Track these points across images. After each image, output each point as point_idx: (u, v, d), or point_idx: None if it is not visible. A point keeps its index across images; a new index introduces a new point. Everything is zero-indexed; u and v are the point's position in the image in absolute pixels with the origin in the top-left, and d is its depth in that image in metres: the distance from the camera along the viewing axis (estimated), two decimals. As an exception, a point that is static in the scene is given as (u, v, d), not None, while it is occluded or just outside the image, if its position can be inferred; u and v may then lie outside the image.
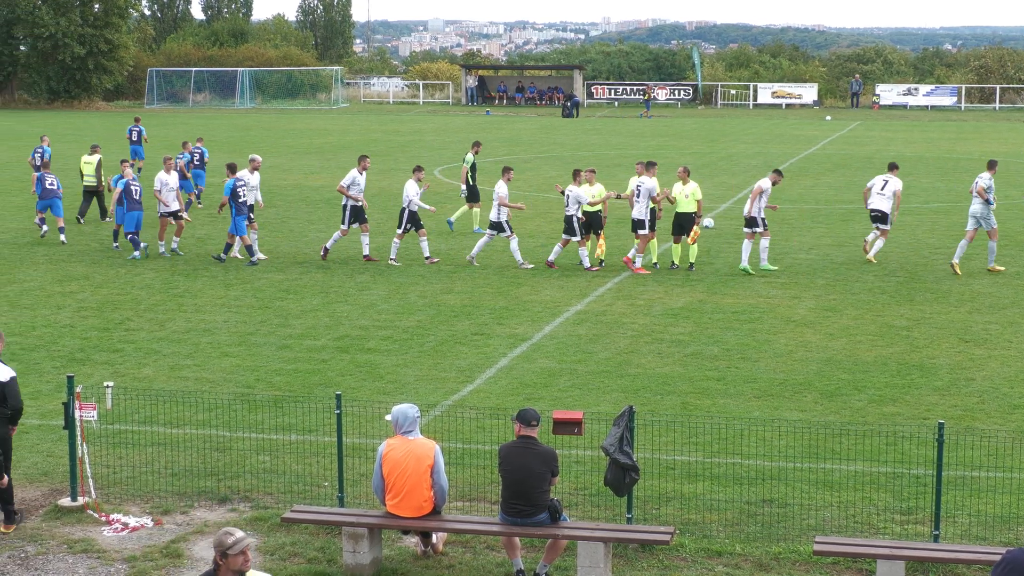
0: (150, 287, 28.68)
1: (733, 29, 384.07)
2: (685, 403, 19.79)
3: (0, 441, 14.98)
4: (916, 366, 21.97)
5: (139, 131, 48.93)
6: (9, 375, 15.08)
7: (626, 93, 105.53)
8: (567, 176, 39.35)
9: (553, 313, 26.10)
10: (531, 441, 13.55)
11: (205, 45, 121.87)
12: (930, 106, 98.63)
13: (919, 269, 30.70)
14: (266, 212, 40.06)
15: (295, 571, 13.85)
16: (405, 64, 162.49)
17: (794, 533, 14.75)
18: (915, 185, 47.75)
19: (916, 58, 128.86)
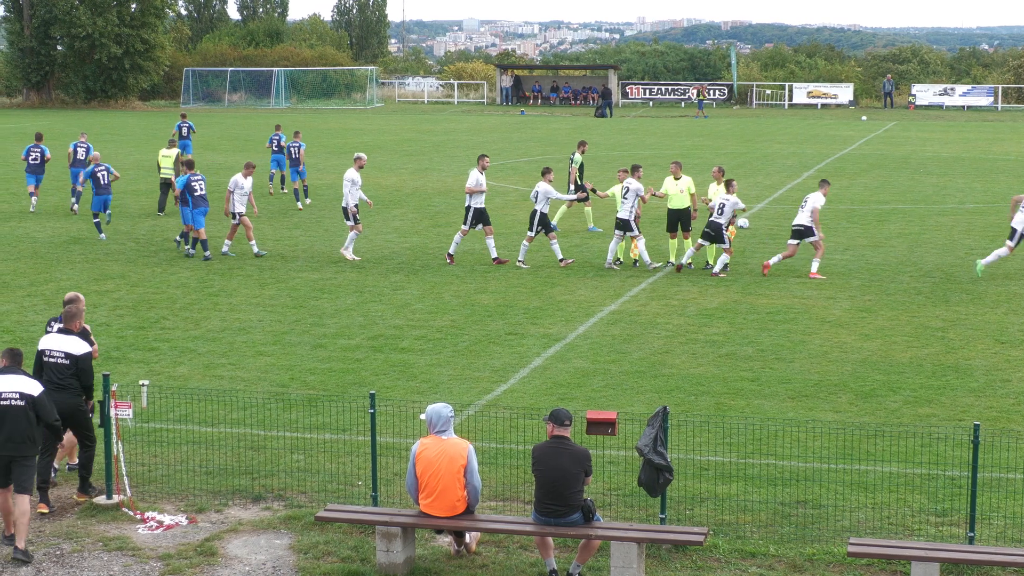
0: (186, 286, 28.79)
1: (768, 29, 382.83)
2: (719, 404, 19.75)
3: (71, 413, 15.46)
4: (952, 367, 21.87)
5: (188, 126, 49.19)
6: (83, 350, 15.60)
7: (661, 93, 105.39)
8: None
9: (587, 313, 26.08)
10: (564, 441, 13.55)
11: (241, 45, 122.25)
12: (966, 106, 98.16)
13: (955, 270, 30.56)
14: (300, 212, 40.21)
15: (328, 570, 13.89)
16: (440, 64, 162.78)
17: (828, 534, 14.71)
18: (951, 186, 47.55)
19: (952, 58, 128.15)
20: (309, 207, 41.50)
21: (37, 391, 14.56)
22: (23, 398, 14.43)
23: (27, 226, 37.50)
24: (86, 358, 15.66)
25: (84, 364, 15.64)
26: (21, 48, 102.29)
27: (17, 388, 14.47)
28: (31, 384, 14.60)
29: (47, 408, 14.62)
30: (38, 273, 30.33)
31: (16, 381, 14.55)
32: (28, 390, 14.49)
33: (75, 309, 16.17)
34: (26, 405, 14.42)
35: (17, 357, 14.84)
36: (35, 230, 36.74)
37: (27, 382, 14.60)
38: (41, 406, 14.54)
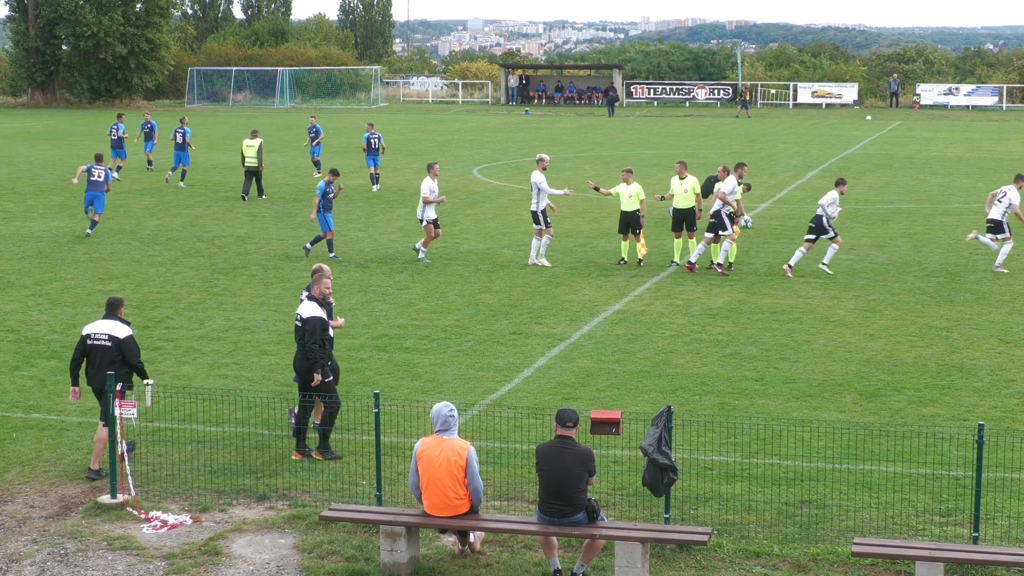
0: (190, 285, 28.80)
1: (773, 28, 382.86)
2: (723, 403, 19.75)
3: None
4: (956, 367, 21.87)
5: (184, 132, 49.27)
6: (126, 332, 16.92)
7: (665, 93, 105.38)
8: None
9: (591, 313, 26.08)
10: (568, 441, 13.55)
11: (245, 44, 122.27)
12: (971, 106, 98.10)
13: (959, 270, 30.54)
14: (305, 211, 40.22)
15: (333, 569, 13.90)
16: (444, 63, 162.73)
17: (832, 534, 14.70)
18: (955, 185, 47.53)
19: (957, 58, 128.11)
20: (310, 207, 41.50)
21: (124, 334, 16.82)
22: (111, 340, 16.72)
23: (32, 225, 37.53)
24: (128, 341, 16.84)
25: (126, 347, 16.84)
26: (26, 48, 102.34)
27: (107, 331, 16.82)
28: (120, 328, 16.88)
29: (132, 350, 16.80)
30: (43, 272, 30.35)
31: (107, 325, 16.94)
32: (116, 333, 16.80)
33: (319, 275, 17.95)
34: (112, 346, 16.69)
35: (111, 305, 17.22)
36: (40, 229, 36.77)
37: (117, 326, 16.91)
38: (126, 348, 16.76)
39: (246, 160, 43.60)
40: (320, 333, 17.33)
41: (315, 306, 17.50)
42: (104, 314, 17.24)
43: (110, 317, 17.11)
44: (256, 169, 43.48)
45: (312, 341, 17.19)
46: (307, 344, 17.21)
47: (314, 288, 17.88)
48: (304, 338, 17.25)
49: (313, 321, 17.28)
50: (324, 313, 17.58)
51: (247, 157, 43.53)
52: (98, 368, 16.74)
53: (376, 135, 47.88)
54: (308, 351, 17.22)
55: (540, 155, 32.07)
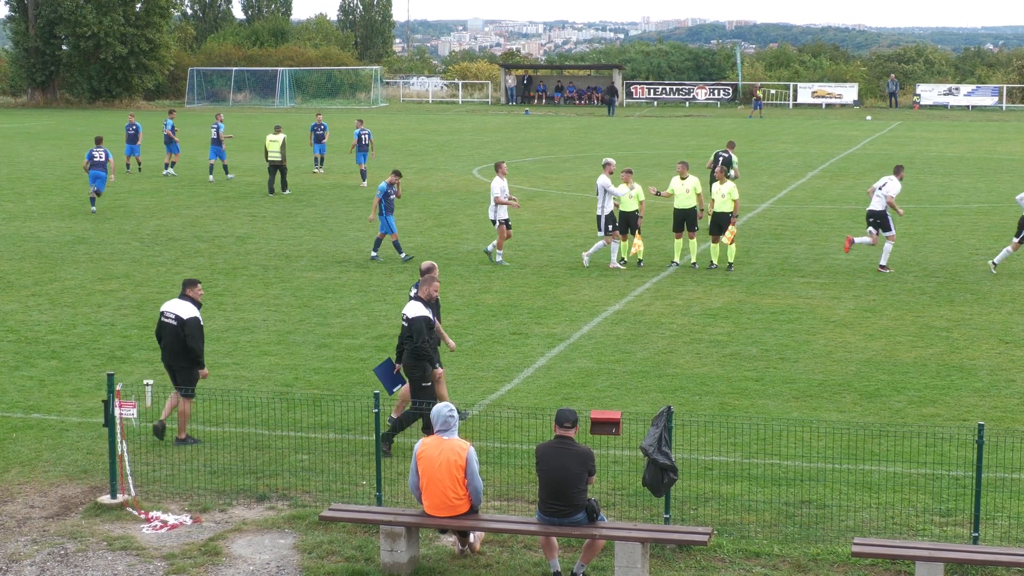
0: (190, 286, 28.78)
1: (773, 28, 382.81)
2: (723, 403, 19.75)
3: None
4: (956, 367, 21.87)
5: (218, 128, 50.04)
6: (191, 313, 17.75)
7: (665, 93, 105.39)
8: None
9: (591, 313, 26.08)
10: (568, 441, 13.55)
11: (245, 45, 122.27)
12: (971, 106, 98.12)
13: (959, 270, 30.54)
14: (305, 211, 40.26)
15: (333, 569, 13.90)
16: (444, 64, 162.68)
17: (832, 534, 14.70)
18: (955, 185, 47.53)
19: (957, 58, 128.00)
20: (309, 207, 41.50)
21: (188, 315, 17.69)
22: (176, 319, 17.67)
23: (32, 226, 37.53)
24: (192, 323, 17.69)
25: (189, 330, 17.70)
26: (26, 48, 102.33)
27: (175, 310, 17.78)
28: (187, 308, 17.76)
29: (193, 332, 17.64)
30: (43, 272, 30.35)
31: (176, 304, 17.88)
32: (182, 313, 17.72)
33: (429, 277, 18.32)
34: (178, 325, 17.63)
35: (185, 285, 18.08)
36: (40, 230, 36.77)
37: (184, 306, 17.79)
38: (188, 328, 17.62)
39: (269, 155, 44.90)
40: (427, 332, 17.59)
41: (421, 306, 17.77)
42: (179, 293, 18.16)
43: (182, 296, 18.01)
44: (280, 163, 44.75)
45: (422, 340, 17.49)
46: (417, 343, 17.48)
47: (421, 289, 18.12)
48: (412, 338, 17.51)
49: (419, 321, 17.57)
50: (430, 313, 17.81)
51: (270, 152, 44.85)
52: (167, 347, 17.91)
53: (366, 131, 48.89)
54: (419, 350, 17.49)
55: (606, 159, 32.00)
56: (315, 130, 52.28)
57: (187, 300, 17.95)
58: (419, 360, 17.57)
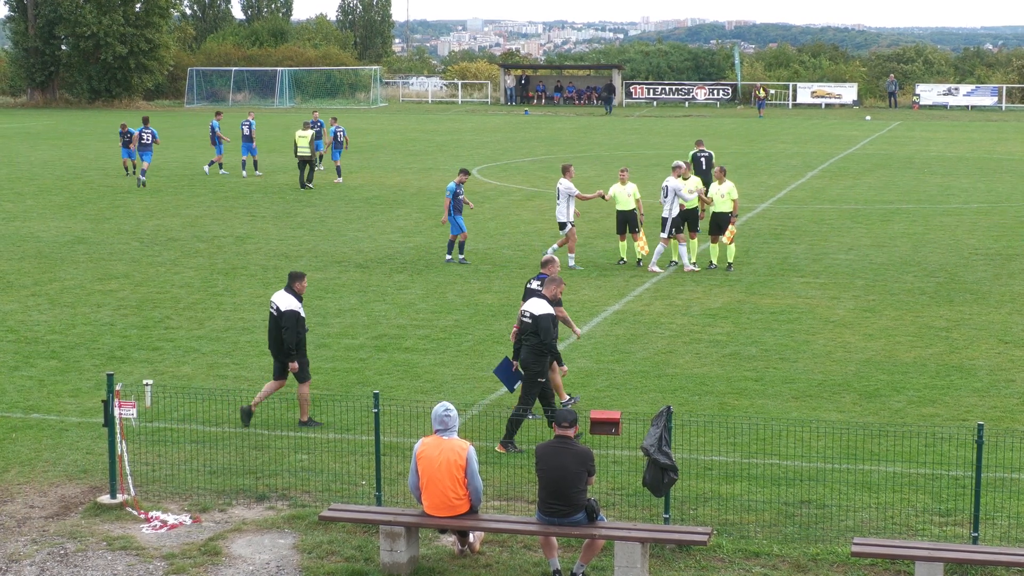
0: (189, 286, 28.81)
1: (772, 28, 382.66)
2: (723, 403, 19.75)
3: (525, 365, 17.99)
4: (955, 367, 21.87)
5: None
6: (288, 306, 18.34)
7: (665, 93, 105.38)
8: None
9: (591, 313, 26.08)
10: (567, 441, 13.56)
11: (245, 45, 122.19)
12: (970, 106, 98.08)
13: (959, 270, 30.54)
14: (304, 211, 40.26)
15: (332, 569, 13.90)
16: (444, 64, 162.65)
17: (832, 534, 14.71)
18: (955, 186, 47.52)
19: (957, 58, 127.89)
20: (308, 207, 41.51)
21: (286, 307, 18.31)
22: (277, 310, 18.39)
23: (31, 226, 37.53)
24: (289, 314, 18.26)
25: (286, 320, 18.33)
26: (26, 48, 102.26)
27: (277, 302, 18.46)
28: (287, 300, 18.37)
29: (287, 324, 18.24)
30: (42, 272, 30.35)
31: (280, 296, 18.53)
32: (282, 304, 18.38)
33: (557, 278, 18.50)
34: (277, 316, 18.34)
35: (290, 277, 18.65)
36: (39, 230, 36.77)
37: (286, 298, 18.43)
38: (285, 320, 18.27)
39: (299, 150, 46.40)
40: (554, 329, 17.79)
41: (546, 303, 17.92)
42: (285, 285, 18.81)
43: (287, 288, 18.62)
44: (309, 158, 46.45)
45: (550, 338, 17.63)
46: (546, 342, 17.62)
47: (548, 288, 18.29)
48: (538, 334, 17.62)
49: (546, 319, 17.71)
50: (553, 310, 17.96)
51: (300, 147, 46.36)
52: (272, 336, 18.71)
53: (341, 129, 49.95)
54: (548, 347, 17.66)
55: (677, 162, 31.85)
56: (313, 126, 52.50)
57: (290, 293, 18.55)
58: (541, 356, 17.72)
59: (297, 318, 18.37)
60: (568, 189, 30.56)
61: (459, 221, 31.59)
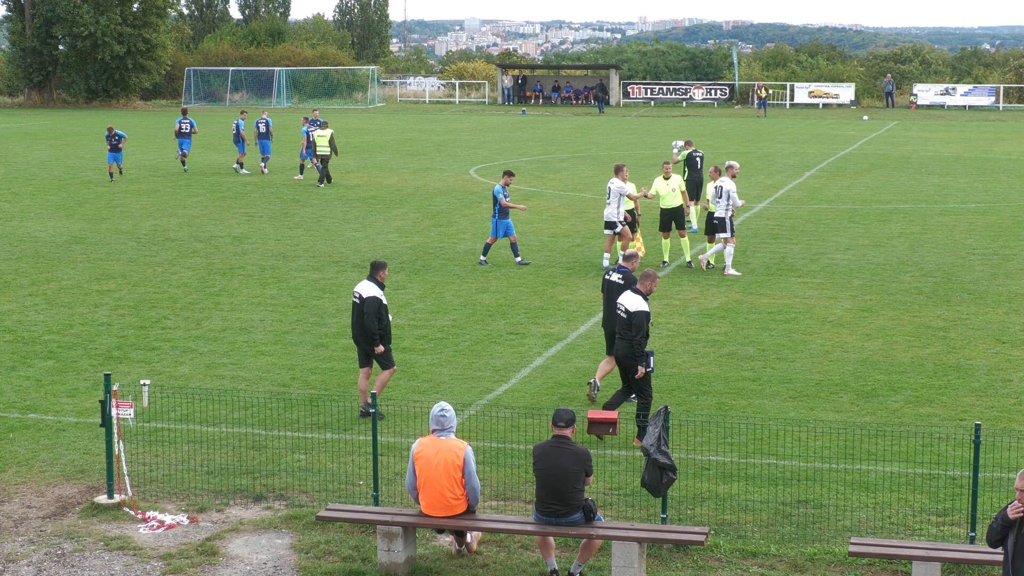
0: (187, 286, 28.80)
1: (770, 28, 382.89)
2: (720, 403, 19.75)
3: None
4: (953, 367, 21.87)
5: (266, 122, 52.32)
6: (370, 293, 18.69)
7: (662, 93, 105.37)
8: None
9: (588, 313, 26.07)
10: (565, 441, 13.56)
11: (242, 45, 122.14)
12: (968, 106, 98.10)
13: (956, 269, 30.54)
14: (302, 211, 40.25)
15: (330, 569, 13.90)
16: (441, 64, 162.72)
17: (829, 534, 14.71)
18: (952, 185, 47.53)
19: (954, 58, 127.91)
20: (306, 207, 41.50)
21: (368, 294, 18.66)
22: (360, 298, 18.73)
23: (28, 226, 37.52)
24: (370, 302, 18.60)
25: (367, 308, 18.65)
26: (23, 48, 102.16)
27: (359, 291, 18.84)
28: (370, 288, 18.74)
29: (370, 310, 18.59)
30: (39, 272, 30.33)
31: (363, 285, 18.92)
32: (364, 292, 18.74)
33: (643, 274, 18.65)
34: (360, 304, 18.68)
35: (372, 267, 19.03)
36: (36, 230, 36.75)
37: (368, 287, 18.80)
38: (367, 307, 18.61)
39: (318, 148, 47.45)
40: (647, 327, 17.96)
41: (641, 299, 18.05)
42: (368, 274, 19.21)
43: (369, 277, 19.00)
44: (327, 157, 47.36)
45: (641, 335, 17.75)
46: (635, 338, 17.76)
47: (643, 283, 18.43)
48: (631, 331, 17.79)
49: (640, 315, 17.83)
50: (647, 307, 18.08)
51: (319, 146, 47.40)
52: (354, 324, 19.02)
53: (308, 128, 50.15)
54: (636, 344, 17.78)
55: (731, 162, 31.84)
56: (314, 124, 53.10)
57: (373, 281, 18.90)
58: (634, 355, 17.86)
59: (379, 304, 18.72)
60: (620, 188, 30.32)
61: (502, 224, 31.23)
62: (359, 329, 18.91)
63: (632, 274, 19.53)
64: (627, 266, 19.82)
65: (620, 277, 19.54)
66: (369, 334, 18.74)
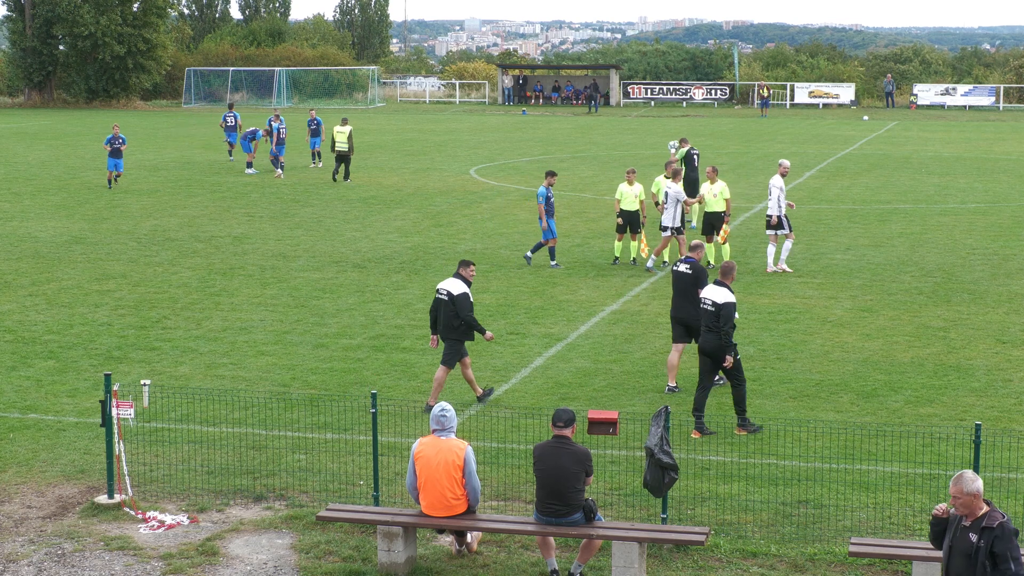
0: (187, 286, 28.80)
1: (770, 28, 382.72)
2: (720, 403, 19.74)
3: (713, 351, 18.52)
4: (953, 367, 21.87)
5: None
6: (460, 290, 19.17)
7: (663, 93, 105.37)
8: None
9: (588, 313, 26.08)
10: (565, 441, 13.56)
11: (242, 45, 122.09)
12: (968, 106, 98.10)
13: (956, 269, 30.54)
14: (302, 211, 40.26)
15: (330, 569, 13.90)
16: (441, 64, 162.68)
17: (829, 534, 14.71)
18: (952, 186, 47.53)
19: (954, 58, 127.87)
20: (306, 208, 41.51)
21: (458, 291, 19.11)
22: (448, 295, 19.11)
23: (29, 226, 37.52)
24: (461, 298, 19.10)
25: (459, 304, 19.11)
26: (23, 48, 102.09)
27: (447, 288, 19.27)
28: (457, 285, 19.20)
29: (463, 305, 19.08)
30: (40, 273, 30.33)
31: (449, 282, 19.37)
32: (453, 290, 19.15)
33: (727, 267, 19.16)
34: (448, 300, 19.09)
35: (460, 265, 19.53)
36: (37, 230, 36.75)
37: (455, 284, 19.26)
38: (458, 303, 19.08)
39: (336, 145, 48.26)
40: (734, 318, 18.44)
41: (727, 291, 18.55)
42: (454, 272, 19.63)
43: (456, 275, 19.45)
44: (346, 154, 48.11)
45: (730, 326, 18.26)
46: (724, 329, 18.24)
47: (728, 276, 18.94)
48: (720, 323, 18.24)
49: (729, 307, 18.31)
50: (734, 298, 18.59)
51: (338, 142, 48.22)
52: (441, 320, 19.33)
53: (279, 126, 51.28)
54: (725, 335, 18.25)
55: (782, 160, 31.94)
56: (310, 125, 54.39)
57: (459, 278, 19.38)
58: (723, 346, 18.31)
59: (468, 300, 19.21)
60: (677, 194, 30.24)
61: (551, 225, 31.02)
62: (447, 326, 19.30)
63: (699, 263, 20.37)
64: (693, 256, 20.54)
65: (688, 267, 20.35)
66: (468, 326, 19.22)
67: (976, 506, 10.67)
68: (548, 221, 30.87)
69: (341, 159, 48.31)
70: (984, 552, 10.49)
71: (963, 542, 10.68)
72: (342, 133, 48.10)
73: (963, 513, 10.74)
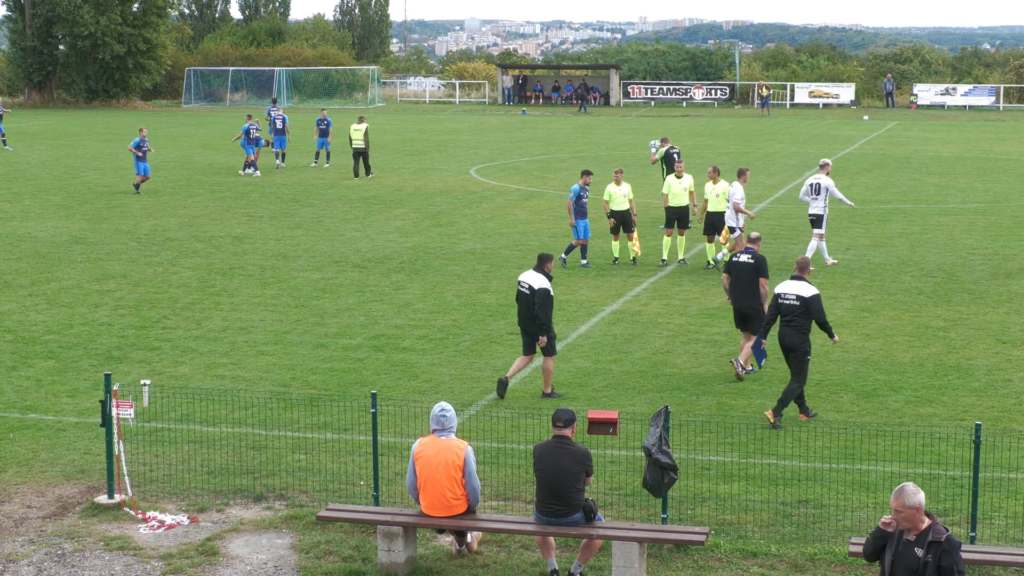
0: (187, 286, 28.80)
1: (770, 28, 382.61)
2: (720, 403, 19.75)
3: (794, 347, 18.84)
4: (953, 367, 21.87)
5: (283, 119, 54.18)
6: (540, 284, 19.36)
7: (663, 93, 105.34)
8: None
9: (589, 313, 26.08)
10: (565, 440, 13.55)
11: (242, 45, 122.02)
12: (968, 106, 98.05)
13: (956, 269, 30.54)
14: (302, 211, 40.25)
15: (330, 569, 13.90)
16: (441, 63, 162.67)
17: (830, 534, 14.71)
18: (952, 185, 47.53)
19: (954, 58, 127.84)
20: (306, 207, 41.50)
21: (539, 286, 19.37)
22: (529, 289, 19.43)
23: (29, 225, 37.52)
24: (541, 293, 19.36)
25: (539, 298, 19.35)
26: (23, 47, 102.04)
27: (529, 280, 19.53)
28: (539, 279, 19.42)
29: (540, 301, 19.32)
30: (40, 272, 30.33)
31: (531, 275, 19.64)
32: (534, 283, 19.39)
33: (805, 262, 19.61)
34: (530, 293, 19.44)
35: (540, 259, 19.77)
36: (37, 229, 36.75)
37: (537, 278, 19.50)
38: (538, 297, 19.32)
39: (353, 142, 49.47)
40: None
41: (809, 284, 19.11)
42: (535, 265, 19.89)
43: (537, 268, 19.75)
44: (363, 151, 49.42)
45: (823, 316, 18.95)
46: (820, 320, 18.89)
47: (806, 271, 19.41)
48: (812, 315, 18.77)
49: (816, 299, 18.90)
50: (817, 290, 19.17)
51: (354, 140, 49.43)
52: (521, 312, 19.78)
53: (255, 125, 51.26)
54: (823, 325, 18.97)
55: (824, 160, 32.13)
56: (319, 124, 54.29)
57: (541, 273, 19.66)
58: (807, 335, 18.80)
59: (548, 295, 19.44)
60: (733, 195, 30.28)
61: (583, 225, 30.90)
62: (526, 318, 19.70)
63: (759, 253, 21.13)
64: (753, 247, 21.33)
65: (749, 257, 21.13)
66: (539, 323, 19.50)
67: (918, 519, 10.48)
68: (578, 221, 30.82)
69: (359, 155, 49.24)
70: (932, 567, 10.34)
71: (907, 557, 10.48)
72: (358, 131, 49.08)
73: (905, 527, 10.55)
